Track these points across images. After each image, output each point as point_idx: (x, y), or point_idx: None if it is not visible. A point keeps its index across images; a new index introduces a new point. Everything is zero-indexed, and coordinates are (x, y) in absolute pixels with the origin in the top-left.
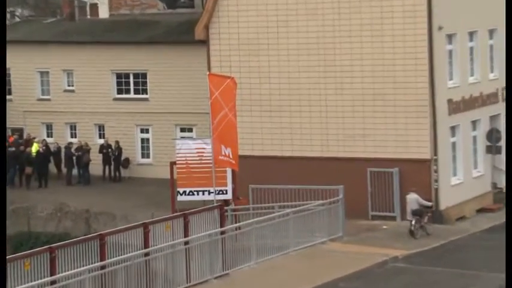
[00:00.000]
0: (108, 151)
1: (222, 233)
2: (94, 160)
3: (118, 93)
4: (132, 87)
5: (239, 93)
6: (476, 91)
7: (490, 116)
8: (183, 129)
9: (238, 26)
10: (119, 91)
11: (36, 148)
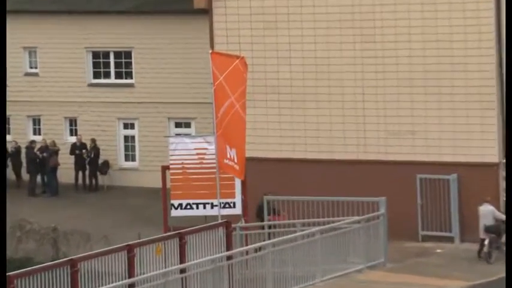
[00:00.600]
0: (81, 152)
1: (229, 258)
2: (63, 164)
3: (95, 77)
4: (113, 69)
5: (250, 77)
6: None
7: None
8: (179, 123)
9: None
10: (96, 75)
11: None
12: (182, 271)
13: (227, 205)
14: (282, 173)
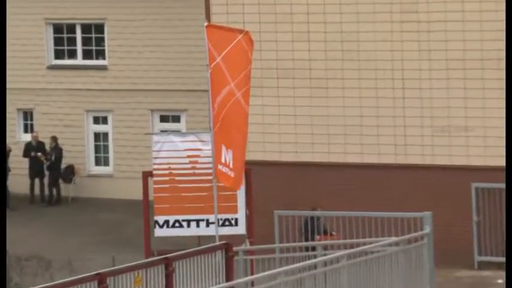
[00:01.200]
0: (38, 154)
1: None
2: (15, 169)
3: (57, 57)
4: (80, 47)
5: (257, 58)
6: None
7: None
8: (165, 117)
9: None
10: (59, 54)
11: None
12: None
13: (227, 222)
14: (297, 181)
